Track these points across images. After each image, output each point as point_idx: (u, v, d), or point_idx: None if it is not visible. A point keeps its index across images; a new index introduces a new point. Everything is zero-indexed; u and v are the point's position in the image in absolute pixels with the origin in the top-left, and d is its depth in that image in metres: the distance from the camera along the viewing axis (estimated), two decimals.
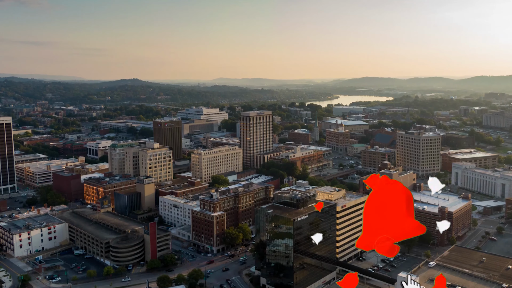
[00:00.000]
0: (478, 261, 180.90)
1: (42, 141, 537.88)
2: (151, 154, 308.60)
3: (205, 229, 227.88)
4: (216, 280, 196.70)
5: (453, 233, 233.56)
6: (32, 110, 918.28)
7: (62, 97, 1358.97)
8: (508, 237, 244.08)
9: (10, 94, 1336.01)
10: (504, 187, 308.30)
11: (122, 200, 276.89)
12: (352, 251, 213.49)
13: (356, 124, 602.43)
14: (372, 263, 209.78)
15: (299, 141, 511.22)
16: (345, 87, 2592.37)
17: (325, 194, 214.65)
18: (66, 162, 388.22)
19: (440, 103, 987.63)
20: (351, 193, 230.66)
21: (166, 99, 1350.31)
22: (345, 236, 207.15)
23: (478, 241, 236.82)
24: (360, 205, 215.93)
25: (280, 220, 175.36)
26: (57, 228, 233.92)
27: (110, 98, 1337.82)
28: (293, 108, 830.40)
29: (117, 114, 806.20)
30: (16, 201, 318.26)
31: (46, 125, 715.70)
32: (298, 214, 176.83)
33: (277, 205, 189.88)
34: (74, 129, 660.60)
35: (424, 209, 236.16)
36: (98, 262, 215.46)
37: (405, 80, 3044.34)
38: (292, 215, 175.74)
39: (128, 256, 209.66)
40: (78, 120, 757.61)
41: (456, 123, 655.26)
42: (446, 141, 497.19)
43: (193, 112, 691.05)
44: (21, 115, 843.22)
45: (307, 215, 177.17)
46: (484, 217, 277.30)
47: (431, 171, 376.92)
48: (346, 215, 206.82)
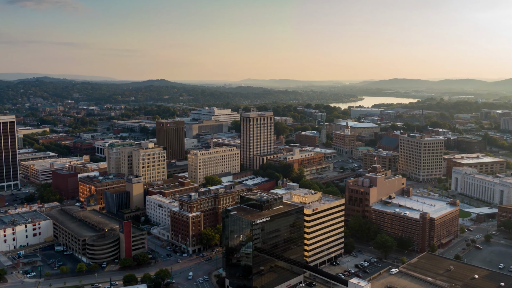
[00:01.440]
0: (445, 269, 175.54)
1: (57, 139, 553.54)
2: (144, 154, 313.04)
3: (182, 229, 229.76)
4: (184, 280, 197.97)
5: (435, 240, 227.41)
6: (54, 109, 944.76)
7: (88, 97, 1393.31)
8: (495, 246, 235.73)
9: (39, 93, 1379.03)
10: (502, 194, 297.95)
11: (110, 199, 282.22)
12: (326, 255, 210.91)
13: (367, 126, 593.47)
14: (344, 268, 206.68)
15: (306, 143, 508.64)
16: (372, 88, 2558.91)
17: (299, 197, 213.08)
18: (70, 160, 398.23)
19: (463, 105, 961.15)
20: (327, 196, 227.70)
21: (188, 99, 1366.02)
22: (317, 239, 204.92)
23: (462, 249, 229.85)
24: (334, 208, 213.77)
25: (240, 222, 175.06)
26: (42, 224, 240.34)
27: (134, 98, 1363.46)
28: (308, 109, 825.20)
29: (135, 114, 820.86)
30: (17, 197, 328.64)
31: (65, 124, 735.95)
32: (260, 216, 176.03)
33: (243, 207, 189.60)
34: (91, 128, 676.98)
35: (405, 214, 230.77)
36: (75, 258, 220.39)
37: (435, 82, 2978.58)
38: (254, 217, 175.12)
39: (103, 254, 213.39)
40: (96, 119, 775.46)
41: (473, 126, 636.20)
42: (457, 145, 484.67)
43: (205, 112, 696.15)
44: (44, 114, 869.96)
45: (268, 218, 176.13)
46: (476, 225, 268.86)
47: (433, 176, 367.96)
48: (318, 218, 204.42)
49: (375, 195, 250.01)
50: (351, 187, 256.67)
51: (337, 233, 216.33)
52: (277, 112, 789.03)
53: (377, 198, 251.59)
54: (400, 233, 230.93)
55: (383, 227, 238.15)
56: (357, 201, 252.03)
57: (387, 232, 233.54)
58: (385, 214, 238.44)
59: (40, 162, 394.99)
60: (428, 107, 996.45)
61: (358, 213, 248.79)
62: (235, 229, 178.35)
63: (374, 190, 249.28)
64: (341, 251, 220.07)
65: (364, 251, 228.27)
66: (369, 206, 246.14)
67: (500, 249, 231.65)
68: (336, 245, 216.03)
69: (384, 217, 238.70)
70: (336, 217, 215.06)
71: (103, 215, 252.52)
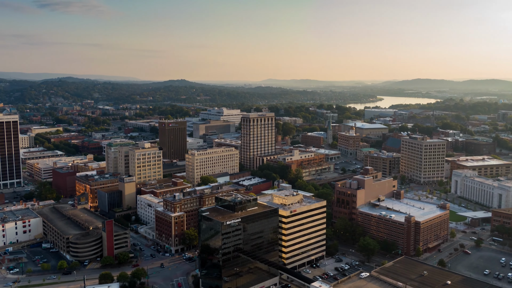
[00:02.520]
0: (418, 274, 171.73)
1: (68, 138, 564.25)
2: (139, 154, 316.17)
3: (165, 229, 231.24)
4: (161, 279, 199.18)
5: (421, 243, 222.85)
6: (71, 109, 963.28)
7: (108, 97, 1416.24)
8: (485, 251, 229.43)
9: (61, 93, 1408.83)
10: (500, 198, 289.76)
11: (103, 198, 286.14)
12: (306, 257, 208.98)
13: (375, 127, 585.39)
14: (324, 271, 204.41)
15: (311, 144, 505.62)
16: (394, 89, 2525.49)
17: (280, 198, 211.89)
18: (74, 159, 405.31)
19: (482, 106, 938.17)
20: (310, 198, 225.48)
21: (205, 99, 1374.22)
22: (295, 241, 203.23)
23: (449, 254, 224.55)
24: (314, 210, 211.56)
25: (211, 222, 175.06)
26: (31, 222, 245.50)
27: (152, 98, 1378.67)
28: (320, 110, 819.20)
29: (148, 114, 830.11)
30: (18, 195, 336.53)
31: (80, 123, 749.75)
32: (231, 217, 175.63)
33: (218, 208, 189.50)
34: (103, 128, 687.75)
35: (391, 217, 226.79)
36: (60, 256, 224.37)
37: (460, 83, 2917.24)
38: (225, 218, 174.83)
39: (86, 252, 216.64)
40: (110, 119, 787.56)
41: (486, 128, 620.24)
42: (465, 147, 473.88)
43: (214, 113, 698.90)
44: (61, 113, 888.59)
45: (239, 219, 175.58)
46: (470, 229, 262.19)
47: (435, 178, 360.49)
48: (296, 220, 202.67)
49: (362, 198, 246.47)
50: (339, 189, 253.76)
51: (318, 235, 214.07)
52: (288, 113, 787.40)
53: (365, 200, 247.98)
54: (385, 236, 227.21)
55: (369, 230, 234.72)
56: (344, 203, 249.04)
57: (372, 235, 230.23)
58: (371, 217, 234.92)
59: (44, 161, 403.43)
60: (446, 108, 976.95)
61: (345, 215, 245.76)
62: (207, 230, 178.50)
63: (362, 193, 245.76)
64: (323, 253, 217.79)
65: (348, 254, 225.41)
66: (356, 209, 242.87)
67: (490, 254, 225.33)
68: (317, 248, 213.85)
69: (370, 220, 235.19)
70: (317, 219, 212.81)
71: (91, 214, 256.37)
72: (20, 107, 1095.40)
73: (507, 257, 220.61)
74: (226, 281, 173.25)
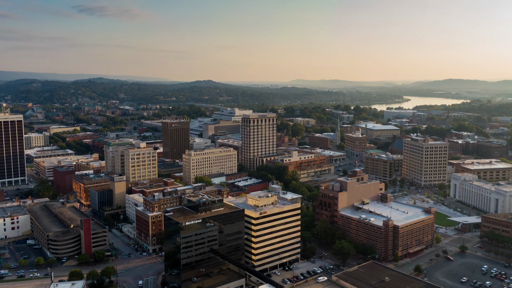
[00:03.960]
0: (379, 280, 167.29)
1: (82, 138, 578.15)
2: (133, 154, 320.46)
3: (144, 228, 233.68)
4: (132, 278, 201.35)
5: (400, 248, 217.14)
6: (93, 108, 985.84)
7: (133, 97, 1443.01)
8: (469, 258, 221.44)
9: (88, 93, 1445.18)
10: (497, 203, 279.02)
11: (94, 196, 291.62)
12: (278, 260, 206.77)
13: (386, 129, 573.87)
14: (295, 274, 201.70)
15: (318, 145, 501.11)
16: (423, 89, 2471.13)
17: (253, 200, 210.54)
18: (79, 158, 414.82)
19: (508, 108, 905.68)
20: (285, 200, 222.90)
21: (227, 100, 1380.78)
22: (266, 243, 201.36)
23: (429, 260, 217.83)
24: (287, 212, 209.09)
25: (171, 223, 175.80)
26: (20, 219, 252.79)
27: (175, 98, 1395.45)
28: (336, 111, 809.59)
29: (166, 114, 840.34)
30: (21, 192, 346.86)
31: (98, 123, 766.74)
32: (193, 217, 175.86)
33: (184, 208, 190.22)
34: (119, 128, 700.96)
35: (369, 221, 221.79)
36: (42, 252, 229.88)
37: (494, 83, 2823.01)
38: (186, 218, 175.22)
39: (65, 249, 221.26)
40: (128, 119, 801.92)
41: (504, 130, 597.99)
42: (476, 149, 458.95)
43: (227, 113, 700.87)
44: (83, 113, 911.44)
45: (200, 220, 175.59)
46: (460, 234, 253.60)
47: (436, 182, 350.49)
48: (266, 222, 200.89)
49: (345, 200, 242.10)
50: (322, 191, 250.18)
51: (292, 237, 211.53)
52: (303, 113, 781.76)
53: (347, 203, 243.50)
54: (364, 240, 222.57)
55: (349, 233, 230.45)
56: (326, 205, 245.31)
57: (352, 239, 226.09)
58: (351, 220, 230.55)
59: (51, 159, 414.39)
60: (470, 109, 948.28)
61: (326, 217, 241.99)
62: (169, 230, 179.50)
63: (344, 195, 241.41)
64: (297, 256, 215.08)
65: (325, 257, 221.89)
66: (338, 211, 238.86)
67: (473, 261, 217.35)
68: (290, 250, 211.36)
69: (350, 223, 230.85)
70: (291, 221, 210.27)
71: (77, 212, 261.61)
72: (47, 107, 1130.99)
73: (491, 264, 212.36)
74: (187, 282, 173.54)
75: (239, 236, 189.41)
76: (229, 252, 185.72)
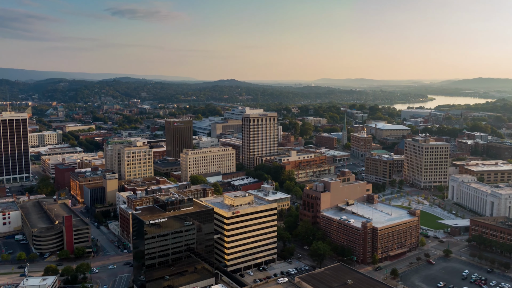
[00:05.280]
0: (342, 283, 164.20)
1: (94, 136, 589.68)
2: (128, 152, 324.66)
3: (126, 225, 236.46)
4: (106, 275, 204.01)
5: (379, 251, 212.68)
6: (111, 107, 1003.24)
7: (154, 96, 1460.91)
8: (452, 262, 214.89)
9: (111, 92, 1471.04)
10: (492, 206, 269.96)
11: (87, 194, 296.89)
12: (252, 260, 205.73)
13: (395, 128, 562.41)
14: (268, 274, 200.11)
15: (324, 145, 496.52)
16: (451, 88, 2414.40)
17: (229, 199, 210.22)
18: (84, 155, 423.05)
19: None
20: (263, 200, 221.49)
21: (247, 99, 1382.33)
22: (239, 243, 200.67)
23: (409, 263, 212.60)
24: (261, 212, 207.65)
25: (137, 221, 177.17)
26: (11, 214, 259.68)
27: (196, 97, 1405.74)
28: (351, 110, 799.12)
29: (181, 113, 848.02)
30: (23, 188, 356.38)
31: (114, 121, 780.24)
32: (158, 216, 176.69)
33: (154, 207, 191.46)
34: (133, 126, 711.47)
35: (349, 222, 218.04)
36: (28, 248, 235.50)
37: None
38: (152, 217, 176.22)
39: (48, 245, 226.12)
40: (144, 118, 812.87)
41: None
42: (486, 150, 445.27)
43: (237, 112, 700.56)
44: (102, 112, 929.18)
45: (165, 218, 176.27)
46: (449, 238, 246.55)
47: (437, 183, 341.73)
48: (240, 222, 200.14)
49: (328, 201, 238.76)
50: (306, 191, 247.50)
51: (268, 237, 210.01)
52: (317, 113, 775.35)
53: (331, 204, 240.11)
54: (344, 241, 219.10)
55: (330, 234, 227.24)
56: (309, 206, 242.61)
57: (332, 240, 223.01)
58: (331, 221, 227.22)
59: (57, 157, 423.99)
60: (492, 108, 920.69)
61: (309, 218, 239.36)
62: (135, 228, 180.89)
63: (327, 196, 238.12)
64: (273, 256, 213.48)
65: (303, 258, 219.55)
66: (320, 212, 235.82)
67: (455, 266, 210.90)
68: (266, 250, 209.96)
69: (331, 224, 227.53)
70: (266, 221, 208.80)
71: (66, 208, 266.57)
72: (70, 105, 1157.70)
73: (473, 269, 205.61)
74: (152, 280, 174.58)
75: (209, 235, 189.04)
76: (198, 251, 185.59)
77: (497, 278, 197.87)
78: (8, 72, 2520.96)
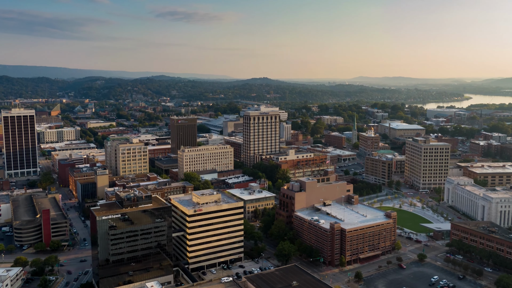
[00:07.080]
0: (286, 284, 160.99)
1: (112, 133, 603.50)
2: (123, 148, 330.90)
3: None
4: (74, 268, 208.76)
5: (347, 253, 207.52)
6: (136, 104, 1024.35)
7: (184, 94, 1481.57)
8: (424, 267, 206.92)
9: (142, 90, 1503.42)
10: (484, 209, 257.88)
11: (79, 189, 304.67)
12: (216, 258, 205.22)
13: (410, 128, 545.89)
14: (231, 273, 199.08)
15: (333, 144, 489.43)
16: (491, 87, 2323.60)
17: (196, 197, 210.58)
18: (90, 152, 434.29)
19: None
20: (232, 198, 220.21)
21: (274, 97, 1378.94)
22: (201, 241, 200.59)
23: (378, 267, 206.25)
24: (227, 211, 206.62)
25: (92, 216, 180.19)
26: (2, 207, 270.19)
27: (224, 95, 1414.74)
28: (372, 109, 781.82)
29: (203, 111, 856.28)
30: (28, 182, 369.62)
31: (136, 118, 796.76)
32: (113, 212, 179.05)
33: (114, 203, 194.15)
34: (152, 123, 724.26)
35: (318, 223, 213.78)
36: (11, 239, 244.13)
37: None
38: (108, 213, 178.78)
39: (27, 237, 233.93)
40: (166, 115, 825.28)
41: None
42: (500, 151, 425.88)
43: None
44: (127, 109, 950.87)
45: (119, 214, 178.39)
46: (431, 242, 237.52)
47: (436, 185, 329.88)
48: (203, 219, 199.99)
49: (303, 201, 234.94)
50: (283, 191, 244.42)
51: (233, 236, 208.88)
52: (337, 111, 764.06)
53: (307, 204, 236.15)
54: (314, 242, 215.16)
55: (302, 235, 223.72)
56: (285, 205, 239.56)
57: (303, 240, 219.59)
58: (303, 222, 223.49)
59: (66, 153, 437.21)
60: None
61: (284, 218, 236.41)
62: (93, 224, 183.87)
63: (302, 195, 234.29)
64: (240, 255, 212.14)
65: (272, 258, 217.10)
66: (294, 212, 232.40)
67: (426, 271, 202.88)
68: (231, 249, 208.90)
69: (303, 224, 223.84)
70: (232, 220, 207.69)
71: (53, 203, 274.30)
72: (101, 103, 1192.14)
73: (444, 275, 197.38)
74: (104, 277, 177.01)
75: (166, 233, 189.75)
76: (154, 248, 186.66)
77: (467, 285, 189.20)
78: (50, 70, 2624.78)
